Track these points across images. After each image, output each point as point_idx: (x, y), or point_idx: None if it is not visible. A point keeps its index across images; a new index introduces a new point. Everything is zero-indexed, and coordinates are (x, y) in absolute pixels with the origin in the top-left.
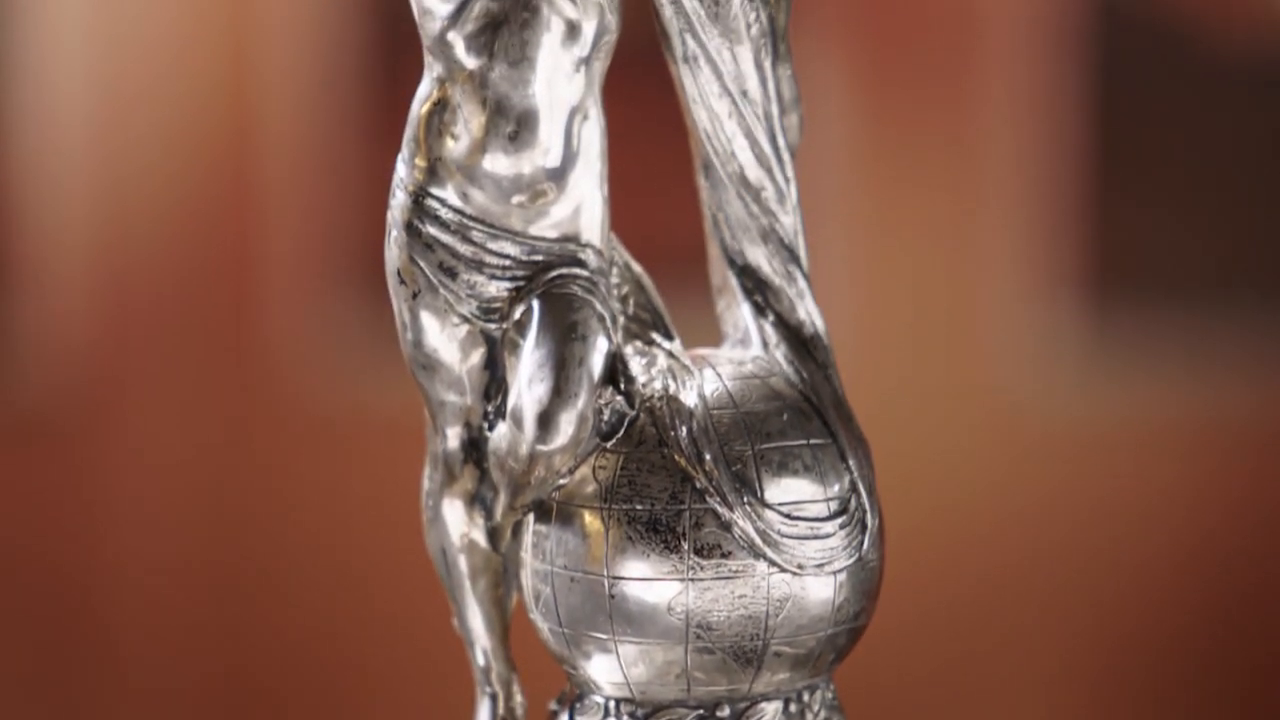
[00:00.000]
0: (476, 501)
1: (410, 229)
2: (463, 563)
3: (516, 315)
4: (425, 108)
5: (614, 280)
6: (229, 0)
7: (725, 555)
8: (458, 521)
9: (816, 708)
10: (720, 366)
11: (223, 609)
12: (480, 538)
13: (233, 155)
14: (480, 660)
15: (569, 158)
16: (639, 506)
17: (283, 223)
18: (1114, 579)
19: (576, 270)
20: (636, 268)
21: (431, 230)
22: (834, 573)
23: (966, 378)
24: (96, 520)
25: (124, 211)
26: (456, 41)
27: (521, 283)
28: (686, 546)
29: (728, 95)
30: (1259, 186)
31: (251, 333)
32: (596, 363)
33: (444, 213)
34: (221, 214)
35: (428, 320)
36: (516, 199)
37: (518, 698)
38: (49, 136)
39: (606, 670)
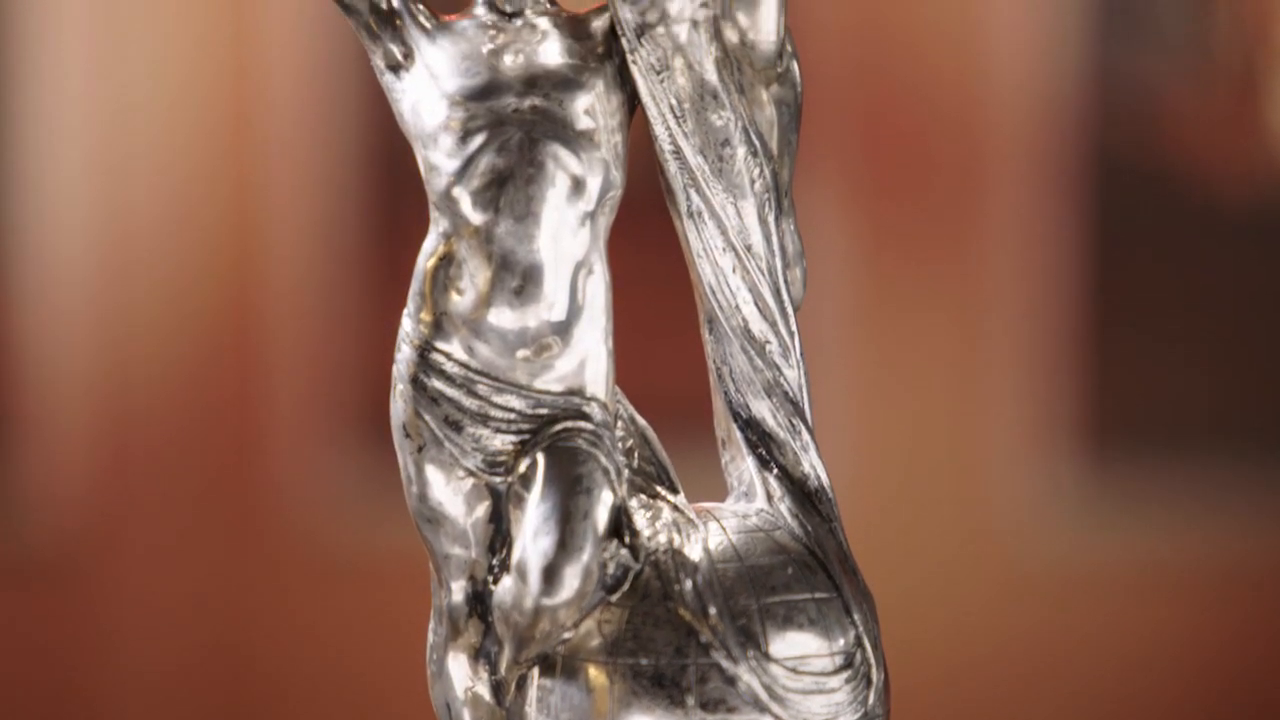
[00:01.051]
0: (481, 656)
1: (416, 383)
2: (468, 716)
3: (521, 469)
4: (431, 262)
5: (619, 433)
6: (231, 149)
7: (730, 710)
8: (462, 676)
9: None
10: (725, 520)
11: None
12: (485, 692)
13: (234, 303)
14: None
15: (574, 312)
16: (644, 661)
17: (285, 371)
18: (1114, 717)
19: (581, 424)
20: (641, 421)
21: (437, 384)
22: None
23: (968, 525)
24: (99, 663)
25: (126, 360)
26: (462, 197)
27: (526, 436)
28: (691, 701)
29: (732, 250)
30: (1253, 333)
31: (252, 480)
32: (601, 516)
33: (449, 367)
34: (223, 362)
35: (433, 474)
36: (522, 353)
37: None
38: (53, 288)
39: None
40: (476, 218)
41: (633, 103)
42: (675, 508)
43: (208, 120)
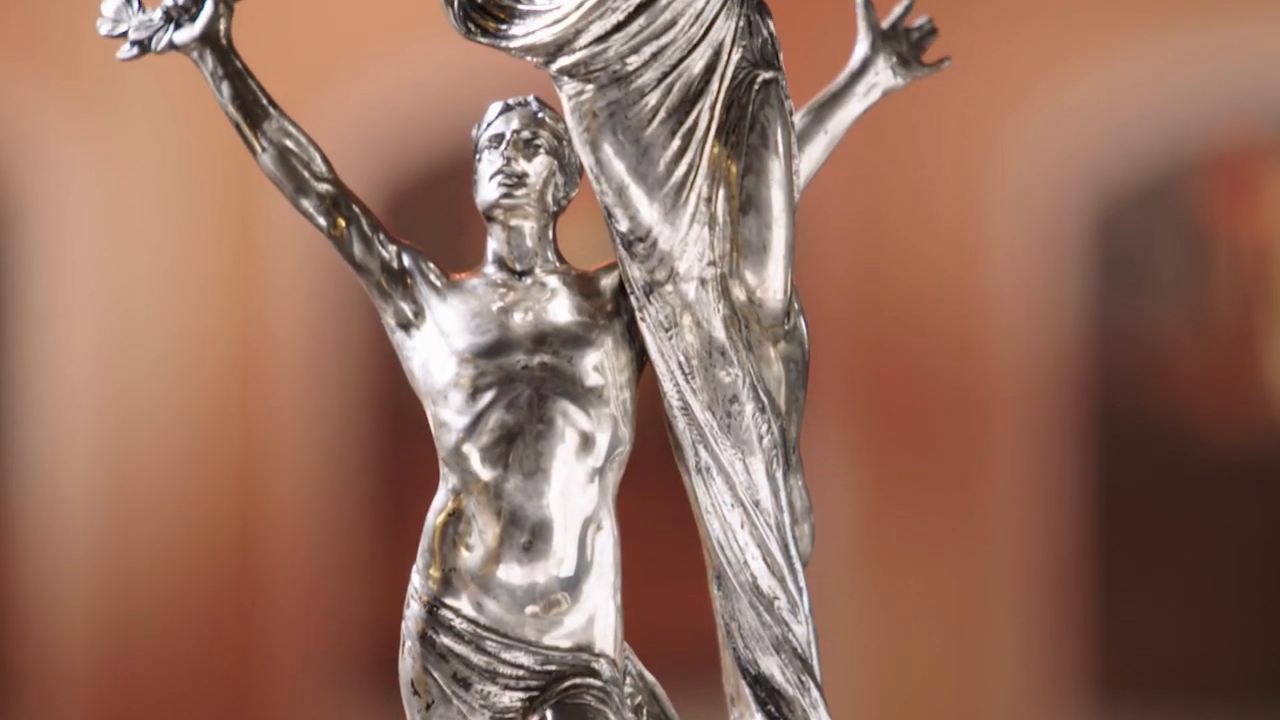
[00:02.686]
0: None
1: (424, 639)
2: None
3: None
4: (440, 519)
5: (627, 690)
6: (237, 395)
7: None
8: None
9: None
10: None
11: None
12: None
13: (237, 554)
14: None
15: (583, 568)
16: None
17: (288, 624)
18: None
19: (590, 680)
20: (650, 677)
21: (446, 641)
22: None
23: None
24: None
25: (126, 617)
26: (472, 453)
27: (535, 693)
28: None
29: (740, 506)
30: (1258, 586)
31: None
32: None
33: (458, 623)
34: (225, 615)
35: None
36: (530, 609)
37: None
38: (51, 546)
39: None
40: (486, 474)
41: (641, 359)
42: None
43: (212, 364)
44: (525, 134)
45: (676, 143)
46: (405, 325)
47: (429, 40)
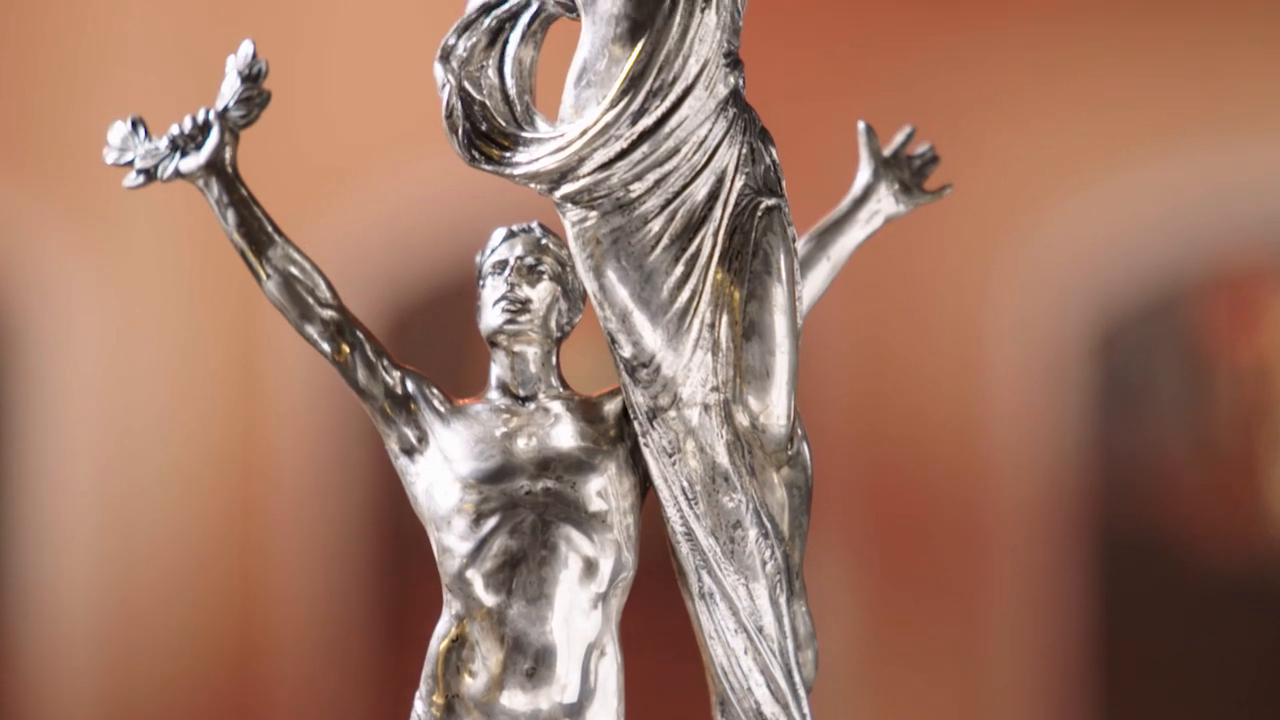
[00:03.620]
0: None
1: None
2: None
3: None
4: (443, 644)
5: None
6: (237, 519)
7: None
8: None
9: None
10: None
11: None
12: None
13: (237, 680)
14: None
15: (586, 694)
16: None
17: None
18: None
19: None
20: None
21: None
22: None
23: None
24: None
25: None
26: (475, 579)
27: None
28: None
29: (744, 631)
30: (1258, 701)
31: None
32: None
33: None
34: None
35: None
36: None
37: None
38: (53, 656)
39: None
40: (489, 599)
41: (645, 484)
42: None
43: (214, 482)
44: (529, 260)
45: (680, 269)
46: (409, 451)
47: (431, 161)
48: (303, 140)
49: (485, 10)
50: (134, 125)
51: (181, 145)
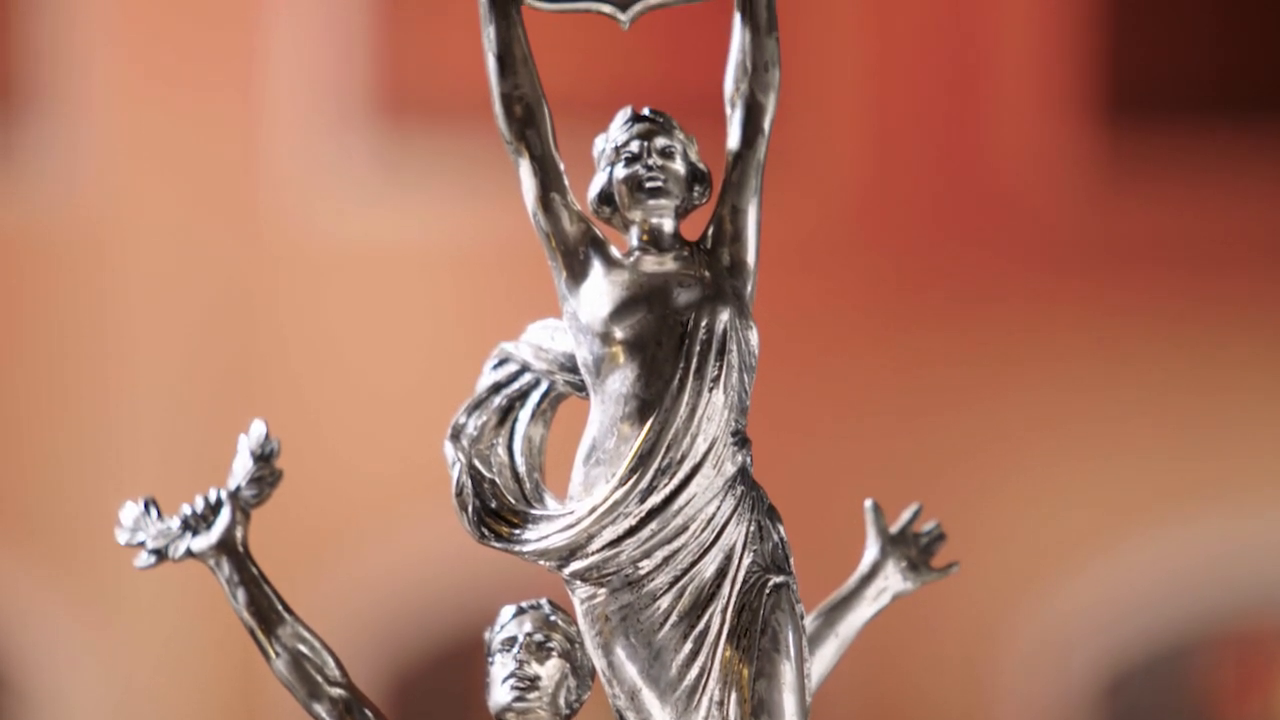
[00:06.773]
0: None
1: None
2: None
3: None
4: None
5: None
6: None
7: None
8: None
9: None
10: None
11: None
12: None
13: None
14: None
15: None
16: None
17: None
18: None
19: None
20: None
21: None
22: None
23: None
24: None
25: None
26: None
27: None
28: None
29: None
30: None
31: None
32: None
33: None
34: None
35: None
36: None
37: None
38: None
39: None
40: None
41: None
42: None
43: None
44: (538, 637)
45: (688, 646)
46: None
47: (434, 527)
48: (304, 503)
49: (495, 389)
50: (146, 506)
51: (193, 525)
